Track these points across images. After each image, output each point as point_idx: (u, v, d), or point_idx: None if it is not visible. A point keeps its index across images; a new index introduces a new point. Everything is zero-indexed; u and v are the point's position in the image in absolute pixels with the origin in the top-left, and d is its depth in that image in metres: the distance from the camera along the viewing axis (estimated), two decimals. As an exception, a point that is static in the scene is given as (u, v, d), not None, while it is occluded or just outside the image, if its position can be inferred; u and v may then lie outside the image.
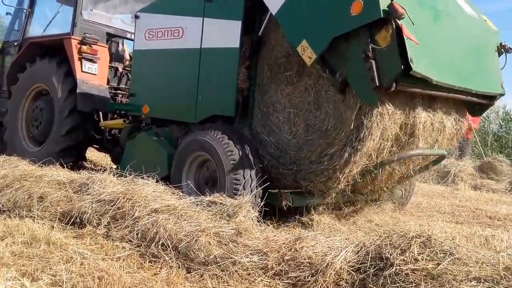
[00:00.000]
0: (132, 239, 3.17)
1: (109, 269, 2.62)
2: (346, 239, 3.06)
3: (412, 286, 2.37)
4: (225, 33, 4.23)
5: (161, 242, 3.02)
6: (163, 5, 4.89)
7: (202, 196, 3.76)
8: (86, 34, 5.92)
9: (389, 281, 2.43)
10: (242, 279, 2.68)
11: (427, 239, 2.63)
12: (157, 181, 3.90)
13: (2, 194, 4.00)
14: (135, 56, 5.25)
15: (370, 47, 3.29)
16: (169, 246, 2.98)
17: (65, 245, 2.99)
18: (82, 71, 5.79)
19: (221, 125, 4.25)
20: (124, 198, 3.56)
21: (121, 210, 3.47)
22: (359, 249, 2.76)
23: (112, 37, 6.50)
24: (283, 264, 2.73)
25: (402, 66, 3.20)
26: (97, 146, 6.44)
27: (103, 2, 6.55)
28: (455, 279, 2.32)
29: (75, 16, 6.00)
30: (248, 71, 4.24)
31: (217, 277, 2.70)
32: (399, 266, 2.47)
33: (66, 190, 3.89)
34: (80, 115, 5.77)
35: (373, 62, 3.28)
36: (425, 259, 2.48)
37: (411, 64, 3.18)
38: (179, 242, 2.99)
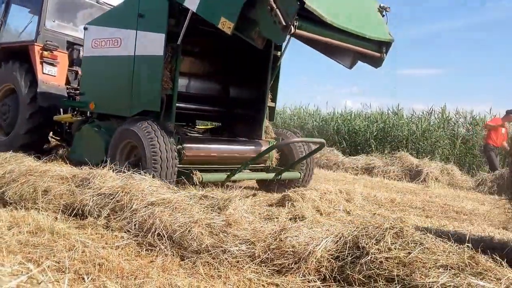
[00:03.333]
0: (130, 230, 3.17)
1: (108, 256, 2.62)
2: (326, 230, 3.09)
3: (385, 273, 2.40)
4: (153, 43, 4.78)
5: (157, 232, 3.02)
6: (106, 19, 5.51)
7: (195, 191, 3.80)
8: (48, 42, 6.42)
9: (365, 268, 2.46)
10: (231, 266, 2.69)
11: (399, 230, 2.68)
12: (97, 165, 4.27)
13: (9, 187, 3.95)
14: (84, 61, 5.78)
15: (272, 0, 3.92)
16: (164, 236, 2.98)
17: (68, 235, 2.97)
18: (43, 73, 6.30)
19: (146, 118, 4.73)
20: (122, 192, 3.55)
21: (120, 203, 3.47)
22: (338, 239, 2.79)
23: (72, 45, 6.96)
24: (269, 252, 2.75)
25: (298, 3, 3.82)
26: (58, 138, 6.96)
27: (64, 14, 7.03)
28: (425, 266, 2.36)
29: (39, 26, 6.47)
30: (170, 74, 4.77)
31: (208, 264, 2.71)
32: (374, 254, 2.51)
33: (68, 184, 3.87)
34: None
35: (277, 9, 3.89)
36: (398, 248, 2.52)
37: (305, 1, 3.84)
38: (173, 232, 3.00)
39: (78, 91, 6.72)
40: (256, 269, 2.67)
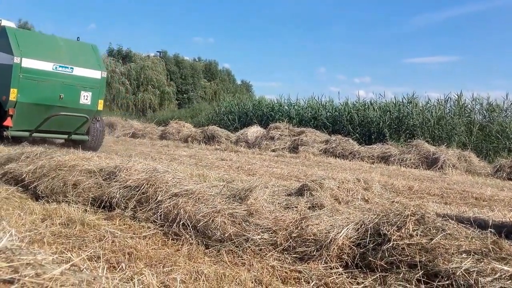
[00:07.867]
0: (156, 220, 3.20)
1: (137, 246, 2.65)
2: (346, 218, 3.05)
3: (408, 259, 2.36)
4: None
5: (181, 222, 3.05)
6: None
7: (216, 182, 3.81)
8: None
9: (387, 255, 2.43)
10: (254, 254, 2.70)
11: (421, 217, 2.62)
12: None
13: (41, 182, 4.05)
14: None
15: None
16: (189, 226, 3.00)
17: (97, 226, 3.02)
18: None
19: None
20: (147, 184, 3.59)
21: (145, 195, 3.50)
22: (359, 227, 2.76)
23: None
24: (291, 240, 2.74)
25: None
26: None
27: None
28: (447, 252, 2.30)
29: None
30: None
31: (232, 252, 2.72)
32: (396, 241, 2.46)
33: (96, 178, 3.93)
34: None
35: None
36: (419, 234, 2.47)
37: (9, 132, 7.41)
38: (197, 222, 3.02)
39: None
40: (279, 256, 2.66)
